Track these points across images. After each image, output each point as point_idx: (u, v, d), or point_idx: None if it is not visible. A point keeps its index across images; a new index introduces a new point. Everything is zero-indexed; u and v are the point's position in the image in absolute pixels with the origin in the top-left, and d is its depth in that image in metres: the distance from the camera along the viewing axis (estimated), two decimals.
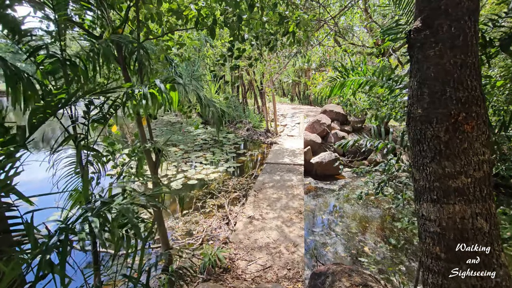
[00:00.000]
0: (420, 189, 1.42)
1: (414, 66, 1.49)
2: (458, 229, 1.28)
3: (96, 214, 1.21)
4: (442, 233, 1.31)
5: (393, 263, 4.28)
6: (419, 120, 1.40)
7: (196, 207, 5.10)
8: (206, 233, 4.23)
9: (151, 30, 2.47)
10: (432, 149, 1.35)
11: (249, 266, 3.27)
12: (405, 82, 2.94)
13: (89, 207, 1.28)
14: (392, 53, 5.25)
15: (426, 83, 1.40)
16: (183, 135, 11.41)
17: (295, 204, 4.99)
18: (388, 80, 2.96)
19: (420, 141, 1.41)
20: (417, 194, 1.45)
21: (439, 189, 1.32)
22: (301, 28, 2.82)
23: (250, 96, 16.56)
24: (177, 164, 7.68)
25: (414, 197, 1.49)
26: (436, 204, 1.33)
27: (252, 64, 3.17)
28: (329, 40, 9.70)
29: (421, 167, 1.40)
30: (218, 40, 6.62)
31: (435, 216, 1.34)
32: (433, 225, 1.35)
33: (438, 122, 1.33)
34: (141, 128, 2.39)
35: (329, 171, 8.23)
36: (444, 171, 1.31)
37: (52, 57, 1.41)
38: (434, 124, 1.34)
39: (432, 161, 1.35)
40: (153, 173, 2.54)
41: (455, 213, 1.28)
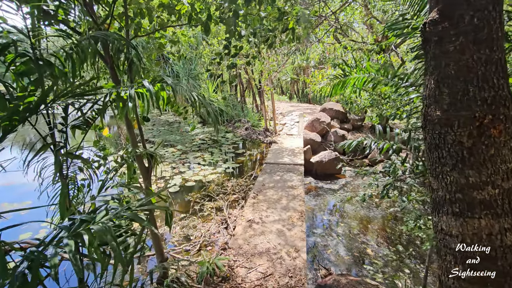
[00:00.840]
0: (439, 200, 1.27)
1: (430, 62, 1.34)
2: (484, 247, 1.13)
3: (73, 234, 1.05)
4: (466, 250, 1.16)
5: (397, 266, 4.15)
6: (438, 123, 1.25)
7: (194, 211, 4.94)
8: (204, 238, 4.08)
9: (141, 27, 2.31)
10: (454, 156, 1.20)
11: (249, 274, 3.13)
12: (411, 80, 2.80)
13: (65, 226, 1.13)
14: (394, 49, 5.09)
15: (445, 82, 1.24)
16: (181, 135, 11.24)
17: (296, 205, 4.85)
18: (394, 77, 2.81)
19: (439, 147, 1.25)
20: (436, 206, 1.30)
21: (462, 201, 1.17)
22: (301, 25, 2.66)
23: (248, 94, 16.38)
24: (174, 166, 7.52)
25: (432, 208, 1.34)
26: (458, 217, 1.19)
27: (250, 62, 3.01)
28: (328, 37, 9.53)
29: (440, 176, 1.25)
30: (214, 38, 6.45)
31: (457, 231, 1.19)
32: (455, 241, 1.20)
33: (460, 125, 1.18)
34: (131, 132, 2.23)
35: (329, 170, 8.09)
36: (468, 181, 1.16)
37: (24, 56, 1.25)
38: (455, 128, 1.19)
39: (454, 170, 1.20)
40: (146, 180, 2.38)
41: (481, 229, 1.14)
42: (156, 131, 12.14)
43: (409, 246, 4.75)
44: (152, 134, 11.47)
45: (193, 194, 5.77)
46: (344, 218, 5.72)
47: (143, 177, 2.43)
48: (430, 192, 1.35)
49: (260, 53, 3.89)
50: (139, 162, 2.38)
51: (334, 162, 8.04)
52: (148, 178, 2.45)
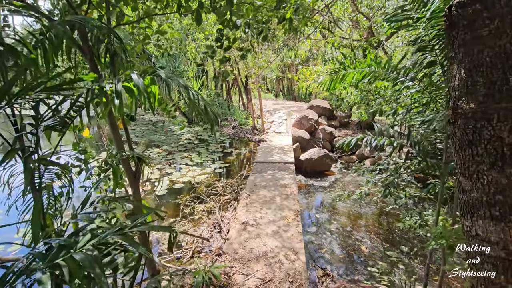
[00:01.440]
0: (473, 203, 1.14)
1: (458, 49, 1.21)
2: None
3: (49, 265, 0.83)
4: (509, 259, 1.04)
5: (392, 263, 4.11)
6: (472, 117, 1.12)
7: (184, 214, 4.69)
8: (197, 244, 3.85)
9: (124, 14, 2.05)
10: (492, 153, 1.07)
11: (247, 281, 2.95)
12: (412, 74, 2.71)
13: (38, 253, 0.90)
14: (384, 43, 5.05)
15: (479, 71, 1.12)
16: (166, 135, 10.84)
17: (290, 204, 4.72)
18: (394, 71, 2.71)
19: (473, 143, 1.13)
20: (468, 208, 1.18)
21: (503, 203, 1.05)
22: (299, 15, 2.49)
23: (234, 92, 16.11)
24: (160, 167, 7.19)
25: (462, 211, 1.22)
26: (499, 222, 1.06)
27: (244, 55, 2.82)
28: (314, 35, 9.46)
29: (475, 176, 1.13)
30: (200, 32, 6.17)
31: (497, 238, 1.07)
32: (495, 248, 1.08)
33: (500, 119, 1.05)
34: (115, 133, 1.98)
35: (319, 168, 8.05)
36: (510, 181, 1.04)
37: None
38: (494, 122, 1.06)
39: (492, 169, 1.07)
40: (133, 185, 2.14)
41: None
42: (140, 131, 11.65)
43: (402, 241, 4.75)
44: (135, 134, 10.99)
45: (182, 196, 5.50)
46: (336, 216, 5.66)
47: (130, 183, 2.19)
48: (459, 194, 1.22)
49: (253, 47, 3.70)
50: (125, 166, 2.14)
51: (323, 159, 8.01)
52: (136, 183, 2.21)
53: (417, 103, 3.03)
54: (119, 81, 1.20)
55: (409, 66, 2.66)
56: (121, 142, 2.03)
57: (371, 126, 10.38)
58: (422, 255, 4.23)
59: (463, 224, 1.23)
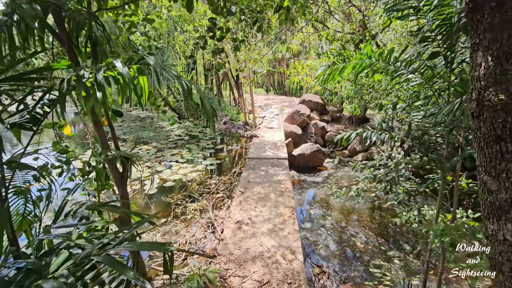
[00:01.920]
0: (501, 204, 1.04)
1: (484, 35, 1.09)
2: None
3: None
4: None
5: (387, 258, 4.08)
6: (502, 109, 1.01)
7: (175, 214, 4.51)
8: (190, 245, 3.70)
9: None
10: None
11: (244, 284, 2.83)
12: (414, 66, 2.61)
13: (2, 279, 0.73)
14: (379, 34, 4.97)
15: (510, 58, 1.00)
16: (155, 131, 10.53)
17: (285, 201, 4.62)
18: (396, 62, 2.61)
19: (502, 139, 1.02)
20: (494, 210, 1.07)
21: None
22: (297, 3, 2.34)
23: (225, 87, 15.84)
24: (149, 165, 6.94)
25: (486, 213, 1.11)
26: None
27: (238, 47, 2.64)
28: (306, 28, 9.31)
29: (503, 175, 1.02)
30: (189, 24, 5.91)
31: None
32: None
33: None
34: (99, 130, 1.79)
35: (311, 163, 7.99)
36: None
37: None
38: None
39: None
40: (120, 188, 1.96)
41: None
42: (127, 127, 11.28)
43: (396, 236, 4.75)
44: (123, 131, 10.63)
45: (173, 195, 5.31)
46: (330, 211, 5.61)
47: (116, 185, 2.00)
48: (483, 194, 1.12)
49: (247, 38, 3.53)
50: (111, 166, 1.95)
51: (316, 154, 7.95)
52: (124, 184, 2.03)
53: (416, 97, 2.95)
54: (99, 70, 1.02)
55: (410, 59, 2.55)
56: (106, 141, 1.84)
57: (363, 120, 10.38)
58: (418, 250, 4.22)
59: (486, 227, 1.13)
